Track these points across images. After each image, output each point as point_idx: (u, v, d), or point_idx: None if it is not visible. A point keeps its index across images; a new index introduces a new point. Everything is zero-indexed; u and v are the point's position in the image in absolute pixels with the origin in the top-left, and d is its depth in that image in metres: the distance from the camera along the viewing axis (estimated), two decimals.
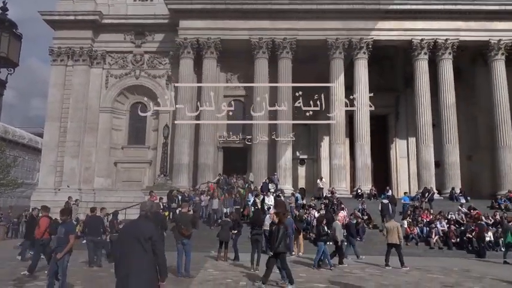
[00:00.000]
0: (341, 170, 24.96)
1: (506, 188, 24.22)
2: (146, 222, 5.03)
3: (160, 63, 28.02)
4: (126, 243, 4.80)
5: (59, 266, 7.70)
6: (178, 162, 25.25)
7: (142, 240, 4.74)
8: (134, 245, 4.73)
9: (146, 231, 4.81)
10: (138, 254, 4.70)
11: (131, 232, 4.87)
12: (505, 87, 25.45)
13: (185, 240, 10.45)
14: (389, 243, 13.63)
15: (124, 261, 4.73)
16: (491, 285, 10.45)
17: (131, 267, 4.66)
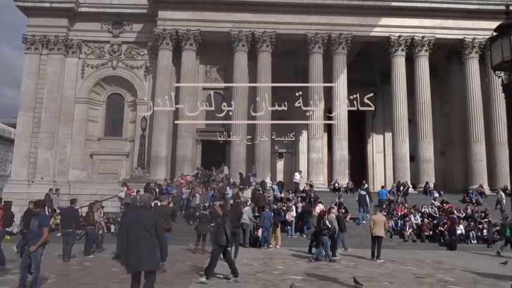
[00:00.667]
0: (318, 163, 25.20)
1: (478, 182, 24.95)
2: (147, 212, 6.10)
3: (138, 54, 27.57)
4: (134, 231, 5.70)
5: (32, 259, 7.56)
6: (156, 154, 25.01)
7: (148, 227, 5.71)
8: (141, 232, 5.66)
9: (150, 219, 5.86)
10: (145, 239, 5.65)
11: (137, 221, 5.79)
12: (478, 84, 26.08)
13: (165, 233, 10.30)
14: (375, 235, 13.88)
15: (133, 246, 5.62)
16: (461, 276, 10.79)
17: (141, 251, 5.59)
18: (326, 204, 19.97)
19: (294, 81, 27.45)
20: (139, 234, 5.68)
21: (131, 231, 5.75)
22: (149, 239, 5.71)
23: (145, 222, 5.78)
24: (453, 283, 9.68)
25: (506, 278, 9.85)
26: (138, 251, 5.61)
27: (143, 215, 5.96)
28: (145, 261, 5.63)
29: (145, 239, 5.68)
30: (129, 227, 5.85)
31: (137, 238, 5.66)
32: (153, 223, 5.82)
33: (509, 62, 5.66)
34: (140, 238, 5.66)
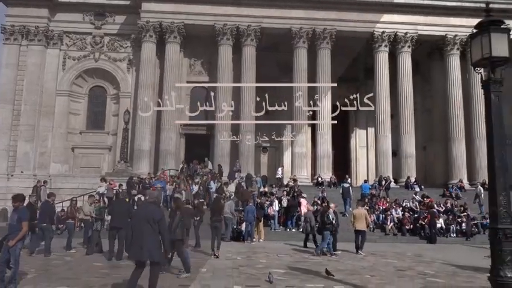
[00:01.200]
0: (302, 158, 25.33)
1: (458, 177, 25.46)
2: (156, 208, 6.50)
3: (121, 47, 27.20)
4: (139, 224, 6.21)
5: (11, 254, 7.42)
6: (139, 148, 24.80)
7: (151, 222, 6.15)
8: (145, 226, 6.13)
9: (156, 215, 6.25)
10: (149, 232, 6.11)
11: (144, 215, 6.28)
12: (458, 81, 26.53)
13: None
14: (357, 229, 14.10)
15: (136, 238, 6.13)
16: (441, 268, 11.01)
17: (145, 243, 6.06)
18: (309, 199, 20.21)
19: (278, 75, 27.55)
20: (143, 227, 6.14)
21: (137, 223, 6.29)
22: (154, 233, 6.16)
23: (151, 216, 6.20)
24: (433, 275, 9.87)
25: (483, 270, 10.08)
26: (141, 242, 6.07)
27: (151, 210, 6.39)
28: (149, 252, 6.06)
29: (149, 232, 6.12)
30: (136, 219, 6.43)
31: (141, 230, 6.14)
32: (158, 219, 6.24)
33: (488, 58, 5.76)
34: (144, 231, 6.12)
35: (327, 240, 13.24)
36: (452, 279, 9.58)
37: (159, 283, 6.46)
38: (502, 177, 5.73)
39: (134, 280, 6.21)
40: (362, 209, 14.87)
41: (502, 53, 5.77)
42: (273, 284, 8.10)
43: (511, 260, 5.49)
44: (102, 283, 8.07)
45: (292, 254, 12.98)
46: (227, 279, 8.73)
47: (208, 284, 8.13)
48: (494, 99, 5.86)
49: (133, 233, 6.24)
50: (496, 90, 5.85)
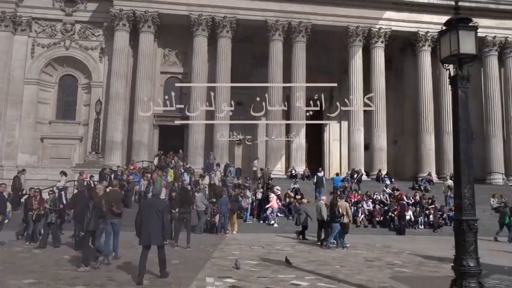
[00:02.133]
0: (276, 150, 25.45)
1: (427, 170, 26.17)
2: (159, 200, 8.64)
3: (93, 35, 26.49)
4: (147, 213, 7.64)
5: None
6: (111, 139, 24.34)
7: (157, 212, 7.62)
8: (153, 214, 7.59)
9: (160, 206, 7.86)
10: (155, 220, 7.58)
11: (151, 206, 7.82)
12: (429, 77, 27.16)
13: (115, 219, 9.86)
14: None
15: (146, 224, 7.55)
16: (408, 259, 11.36)
17: (151, 229, 7.53)
18: (283, 191, 20.42)
19: (253, 67, 27.57)
20: (150, 215, 7.60)
21: (145, 212, 7.68)
22: (158, 221, 7.60)
23: (157, 207, 7.75)
24: (400, 266, 10.16)
25: (448, 260, 10.45)
26: (149, 228, 7.53)
27: (156, 201, 8.22)
28: (155, 237, 7.56)
29: (155, 220, 7.57)
30: (144, 209, 7.80)
31: (149, 218, 7.58)
32: (162, 209, 7.77)
33: (456, 55, 5.91)
34: (151, 219, 7.57)
35: (335, 233, 13.44)
36: (419, 269, 9.90)
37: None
38: (467, 170, 5.92)
39: (144, 260, 7.56)
40: (343, 202, 15.17)
41: (469, 50, 5.93)
42: (244, 272, 8.17)
43: (474, 250, 5.71)
44: (72, 276, 7.94)
45: (264, 246, 13.09)
46: (199, 271, 8.74)
47: (179, 276, 8.12)
48: (461, 95, 6.03)
49: (142, 221, 7.58)
50: (463, 87, 6.02)
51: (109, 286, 7.19)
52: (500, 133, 27.85)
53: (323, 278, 8.16)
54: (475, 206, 5.87)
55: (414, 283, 7.92)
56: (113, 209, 9.78)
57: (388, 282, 8.01)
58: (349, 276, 8.43)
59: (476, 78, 27.21)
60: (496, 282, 8.32)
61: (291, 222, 18.81)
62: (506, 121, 28.14)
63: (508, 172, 27.36)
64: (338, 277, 8.32)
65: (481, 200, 20.09)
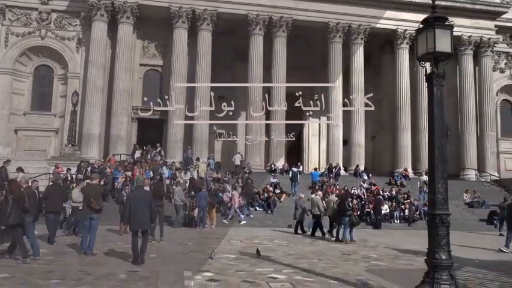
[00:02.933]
0: (256, 145, 25.48)
1: (403, 166, 26.67)
2: (144, 190, 9.91)
3: (70, 25, 25.90)
4: (136, 202, 8.78)
5: None
6: (88, 132, 23.93)
7: (146, 201, 8.86)
8: (141, 203, 8.75)
9: (148, 196, 9.25)
10: (143, 208, 8.73)
11: (138, 196, 9.04)
12: (407, 74, 27.62)
13: (94, 215, 9.63)
14: (329, 215, 14.90)
15: (135, 212, 8.68)
16: (384, 252, 11.58)
17: (141, 216, 8.70)
18: (262, 185, 20.51)
19: (234, 61, 27.50)
20: (139, 205, 8.73)
21: (133, 202, 8.79)
22: (146, 209, 8.76)
23: (143, 197, 8.98)
24: (376, 259, 10.36)
25: (422, 254, 10.70)
26: (138, 216, 8.67)
27: (142, 192, 9.44)
28: (143, 223, 8.77)
29: (143, 208, 8.71)
30: (133, 199, 8.92)
31: (137, 207, 8.70)
32: (149, 199, 9.03)
33: (432, 53, 6.03)
34: (139, 207, 8.70)
35: (348, 227, 13.63)
36: (394, 262, 10.12)
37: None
38: (441, 166, 6.07)
39: (136, 244, 8.66)
40: (333, 197, 15.44)
41: (445, 48, 6.06)
42: (221, 266, 8.20)
43: (446, 243, 5.87)
44: (46, 269, 7.81)
45: (243, 240, 13.14)
46: (177, 265, 8.73)
47: (157, 270, 8.08)
48: (437, 92, 6.16)
49: (131, 210, 8.66)
50: (439, 84, 6.15)
51: (85, 280, 7.11)
52: (474, 130, 28.58)
53: (301, 271, 8.26)
54: (447, 201, 6.03)
55: (389, 276, 8.09)
56: (93, 205, 9.56)
57: (364, 275, 8.16)
58: (326, 270, 8.56)
59: (452, 77, 27.84)
60: (467, 274, 8.58)
61: (270, 216, 18.97)
62: (480, 118, 28.89)
63: (481, 168, 28.14)
64: (316, 270, 8.43)
65: (455, 195, 20.68)
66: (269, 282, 7.25)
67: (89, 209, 9.64)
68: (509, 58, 31.33)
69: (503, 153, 30.35)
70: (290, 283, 7.22)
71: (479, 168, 28.10)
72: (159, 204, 12.85)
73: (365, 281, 7.56)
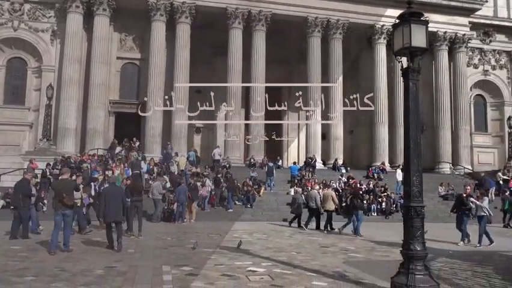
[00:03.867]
0: (235, 139, 25.44)
1: (380, 160, 27.11)
2: (117, 186, 10.89)
3: (44, 16, 25.23)
4: (110, 197, 9.87)
5: None
6: (64, 126, 23.45)
7: (119, 196, 10.05)
8: (114, 198, 9.86)
9: (121, 191, 10.49)
10: (116, 202, 9.85)
11: (114, 192, 10.14)
12: (384, 69, 28.00)
13: (67, 211, 9.29)
14: (326, 209, 15.17)
15: (110, 206, 9.76)
16: (361, 244, 11.78)
17: (115, 209, 9.78)
18: (241, 179, 20.53)
19: (213, 54, 27.32)
20: (113, 199, 9.83)
21: (108, 197, 9.89)
22: (119, 203, 9.95)
23: (118, 192, 10.28)
24: (353, 251, 10.53)
25: (398, 245, 10.92)
26: (113, 209, 9.74)
27: (115, 188, 10.52)
28: (117, 215, 9.84)
29: (116, 202, 9.83)
30: (108, 194, 10.05)
31: (111, 201, 9.78)
32: (121, 193, 10.36)
33: (408, 48, 6.12)
34: (113, 201, 9.78)
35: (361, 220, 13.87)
36: (371, 254, 10.30)
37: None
38: (416, 159, 6.20)
39: (111, 233, 9.80)
40: (329, 190, 15.61)
41: (420, 43, 6.16)
42: (200, 260, 8.19)
43: (421, 234, 6.02)
44: (20, 267, 7.65)
45: (222, 234, 13.14)
46: (156, 260, 8.68)
47: (135, 265, 8.02)
48: (412, 87, 6.27)
49: (106, 204, 9.77)
50: (414, 79, 6.26)
51: (61, 276, 6.99)
52: (449, 125, 29.23)
53: (279, 264, 8.32)
54: (422, 193, 6.16)
55: (365, 267, 8.23)
56: (65, 201, 9.19)
57: (341, 267, 8.28)
58: (304, 262, 8.65)
59: (428, 72, 28.36)
60: (441, 265, 8.81)
61: (250, 210, 19.03)
62: (454, 113, 29.56)
63: (455, 162, 28.84)
64: (294, 263, 8.51)
65: (430, 188, 21.15)
66: (248, 275, 7.29)
67: (61, 204, 9.24)
68: (482, 54, 32.14)
69: (476, 147, 31.23)
70: (269, 276, 7.28)
71: (453, 161, 28.79)
72: (138, 199, 12.74)
73: (343, 272, 7.68)
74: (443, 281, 6.87)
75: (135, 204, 12.57)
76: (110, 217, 9.82)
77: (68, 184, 9.74)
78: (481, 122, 32.35)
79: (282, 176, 23.37)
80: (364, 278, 7.22)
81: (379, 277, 7.08)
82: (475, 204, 12.16)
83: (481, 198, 12.35)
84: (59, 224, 9.31)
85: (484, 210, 12.10)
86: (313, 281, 6.95)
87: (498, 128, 32.30)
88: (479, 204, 12.08)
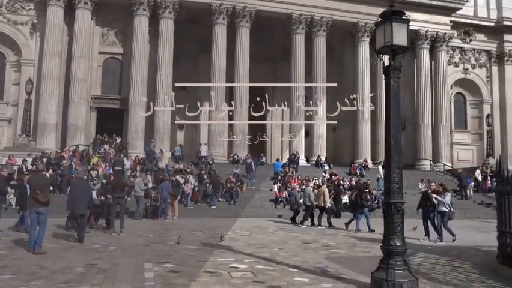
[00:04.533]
0: (219, 136, 25.37)
1: (363, 157, 27.39)
2: (84, 181, 11.79)
3: (23, 9, 24.69)
4: (79, 191, 10.47)
5: None
6: (44, 121, 23.04)
7: (86, 190, 10.80)
8: (84, 193, 10.55)
9: (87, 186, 11.41)
10: (84, 196, 10.46)
11: (82, 186, 10.88)
12: (367, 66, 28.26)
13: (41, 208, 8.74)
14: (320, 206, 15.54)
15: (79, 199, 10.31)
16: (343, 240, 11.90)
17: (83, 202, 10.41)
18: (224, 176, 20.51)
19: (197, 50, 27.16)
20: (81, 193, 10.46)
21: (77, 191, 10.47)
22: (85, 197, 10.56)
23: (86, 186, 11.26)
24: (335, 247, 10.63)
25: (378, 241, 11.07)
26: (81, 202, 10.35)
27: (83, 183, 11.36)
28: (83, 208, 10.49)
29: (84, 196, 10.48)
30: (77, 188, 10.60)
31: (81, 195, 10.38)
32: (89, 188, 11.36)
33: (389, 46, 6.18)
34: (82, 195, 10.41)
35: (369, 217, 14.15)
36: (352, 249, 10.42)
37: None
38: (397, 156, 6.27)
39: (78, 225, 10.52)
40: (323, 187, 15.80)
41: (401, 42, 6.21)
42: (183, 257, 8.16)
43: (400, 230, 6.10)
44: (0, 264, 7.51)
45: (205, 230, 13.12)
46: (137, 257, 8.60)
47: (116, 262, 7.94)
48: (393, 85, 6.34)
49: (75, 197, 10.30)
50: (395, 77, 6.32)
51: (40, 274, 6.87)
52: (430, 122, 29.69)
53: (262, 260, 8.34)
54: (402, 189, 6.24)
55: (347, 263, 8.32)
56: (39, 197, 8.69)
57: (323, 262, 8.35)
58: (287, 258, 8.69)
59: (410, 70, 28.74)
60: (420, 260, 8.96)
61: (233, 207, 19.04)
62: (435, 111, 30.04)
63: (436, 158, 29.35)
64: (276, 259, 8.54)
65: (411, 184, 21.45)
66: (230, 272, 7.29)
67: (34, 201, 8.74)
68: (462, 53, 32.72)
69: (456, 144, 31.84)
70: (251, 272, 7.29)
71: (434, 158, 29.29)
72: (120, 195, 12.60)
73: (324, 268, 7.74)
74: (422, 276, 6.99)
75: (117, 201, 12.43)
76: (78, 210, 10.33)
77: (43, 180, 9.32)
78: (461, 120, 32.99)
79: (266, 172, 23.43)
80: (345, 274, 7.29)
81: (360, 272, 7.16)
82: (437, 200, 12.31)
83: (443, 194, 12.46)
84: (34, 221, 8.87)
85: (445, 205, 12.24)
86: (295, 277, 6.99)
87: (477, 125, 33.00)
88: (440, 200, 12.24)
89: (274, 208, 19.62)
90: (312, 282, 6.70)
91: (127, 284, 6.38)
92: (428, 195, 12.64)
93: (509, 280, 6.93)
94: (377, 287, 5.92)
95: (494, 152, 30.53)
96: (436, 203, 12.30)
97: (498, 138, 32.48)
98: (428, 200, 12.55)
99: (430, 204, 12.44)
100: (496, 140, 32.18)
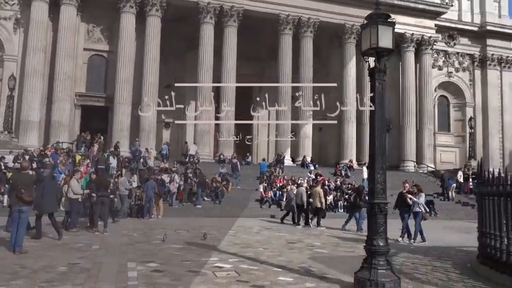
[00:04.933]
0: (205, 135, 25.32)
1: (348, 157, 27.62)
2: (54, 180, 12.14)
3: (7, 3, 24.24)
4: (48, 191, 10.13)
5: None
6: (27, 118, 22.67)
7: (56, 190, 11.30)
8: (52, 190, 10.52)
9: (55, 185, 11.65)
10: (52, 195, 10.52)
11: (51, 184, 10.73)
12: (354, 68, 28.47)
13: (24, 207, 8.54)
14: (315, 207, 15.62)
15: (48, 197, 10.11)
16: (327, 240, 11.98)
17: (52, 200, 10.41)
18: (210, 175, 20.47)
19: (185, 49, 27.04)
20: (51, 192, 10.38)
21: (46, 191, 10.06)
22: (55, 196, 10.91)
23: (54, 185, 11.38)
24: (319, 247, 10.70)
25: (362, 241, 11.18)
26: (50, 200, 10.26)
27: (52, 181, 11.34)
28: (52, 207, 10.43)
29: (52, 195, 10.51)
30: (46, 187, 10.15)
31: (50, 194, 10.30)
32: (57, 187, 11.79)
33: (375, 48, 6.25)
34: (51, 194, 10.39)
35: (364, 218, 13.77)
36: (336, 249, 10.50)
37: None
38: (381, 157, 6.35)
39: (40, 225, 10.22)
40: (318, 188, 15.84)
41: (386, 44, 6.28)
42: (167, 256, 8.12)
43: (384, 230, 6.17)
44: None
45: (190, 230, 13.07)
46: (121, 256, 8.53)
47: (99, 262, 7.86)
48: (378, 87, 6.41)
49: (44, 195, 9.92)
50: (380, 79, 6.40)
51: (21, 273, 6.77)
52: (414, 124, 30.07)
53: (246, 260, 8.35)
54: (386, 190, 6.32)
55: (330, 262, 8.38)
56: (23, 196, 8.47)
57: (307, 262, 8.40)
58: (271, 258, 8.72)
59: (395, 72, 29.05)
60: (403, 260, 9.08)
61: (218, 206, 19.02)
62: (419, 113, 30.43)
63: (419, 160, 29.73)
64: (261, 259, 8.56)
65: (395, 185, 21.59)
66: (215, 271, 7.28)
67: (18, 200, 8.52)
68: (447, 56, 33.23)
69: (439, 146, 32.33)
70: (235, 272, 7.29)
71: (417, 160, 29.67)
72: (104, 194, 12.48)
73: (308, 268, 7.79)
74: (404, 276, 7.08)
75: (101, 199, 12.31)
76: (46, 209, 10.15)
77: (27, 178, 9.10)
78: (444, 122, 33.50)
79: (251, 172, 23.45)
80: (329, 273, 7.35)
81: (343, 272, 7.22)
82: (412, 201, 12.47)
83: (418, 195, 12.61)
84: (16, 220, 8.66)
85: (419, 206, 12.40)
86: (279, 277, 7.02)
87: (460, 128, 33.56)
88: (415, 200, 12.39)
89: (259, 208, 19.66)
90: (296, 282, 6.73)
91: (109, 284, 6.32)
92: (403, 195, 12.79)
93: (489, 280, 7.08)
94: (360, 286, 5.99)
95: (476, 154, 31.11)
96: (411, 203, 12.45)
97: (480, 140, 33.09)
98: (403, 200, 12.72)
99: (405, 204, 12.62)
100: (478, 142, 32.79)
